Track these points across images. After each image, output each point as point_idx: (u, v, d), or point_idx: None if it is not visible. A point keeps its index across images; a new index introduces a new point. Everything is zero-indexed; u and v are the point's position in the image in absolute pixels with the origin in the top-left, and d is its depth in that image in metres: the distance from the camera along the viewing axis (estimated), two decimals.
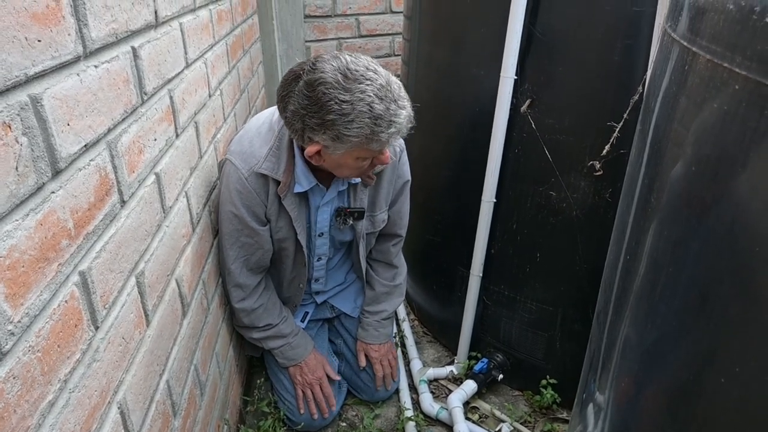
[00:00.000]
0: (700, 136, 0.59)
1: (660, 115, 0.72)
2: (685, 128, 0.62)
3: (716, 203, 0.55)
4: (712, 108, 0.57)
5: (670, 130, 0.66)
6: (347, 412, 1.77)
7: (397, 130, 1.20)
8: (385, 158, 1.31)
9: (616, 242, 0.89)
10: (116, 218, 0.80)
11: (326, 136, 1.19)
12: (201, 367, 1.24)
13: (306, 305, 1.77)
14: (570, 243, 1.52)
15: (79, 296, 0.68)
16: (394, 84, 1.20)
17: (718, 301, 0.55)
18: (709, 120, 0.57)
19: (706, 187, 0.57)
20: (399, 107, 1.18)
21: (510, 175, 1.56)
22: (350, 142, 1.18)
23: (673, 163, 0.64)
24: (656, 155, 0.71)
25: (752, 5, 0.50)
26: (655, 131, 0.72)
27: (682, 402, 0.62)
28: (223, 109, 1.53)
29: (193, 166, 1.22)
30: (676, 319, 0.62)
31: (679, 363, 0.62)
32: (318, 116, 1.16)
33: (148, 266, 0.92)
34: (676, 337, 0.63)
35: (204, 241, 1.31)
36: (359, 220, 1.54)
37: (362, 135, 1.17)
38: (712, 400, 0.58)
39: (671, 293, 0.63)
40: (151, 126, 0.93)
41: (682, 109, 0.63)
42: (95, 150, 0.72)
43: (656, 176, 0.70)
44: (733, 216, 0.53)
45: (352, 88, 1.13)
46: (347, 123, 1.15)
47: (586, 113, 1.38)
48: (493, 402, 1.78)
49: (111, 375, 0.78)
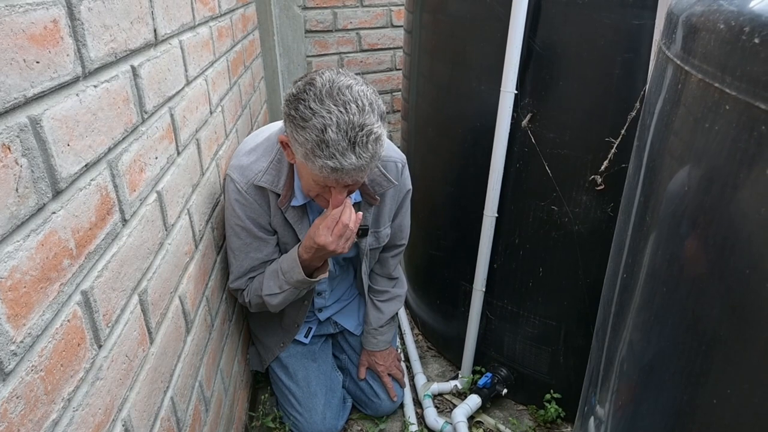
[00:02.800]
0: (693, 156, 0.60)
1: (655, 133, 0.72)
2: (679, 146, 0.63)
3: (709, 222, 0.56)
4: (704, 128, 0.57)
5: (665, 148, 0.66)
6: (352, 427, 1.76)
7: (334, 167, 1.13)
8: (336, 200, 1.25)
9: (614, 259, 0.89)
10: (118, 237, 0.80)
11: (289, 131, 1.21)
12: (205, 384, 1.25)
13: (309, 322, 1.77)
14: (572, 257, 1.52)
15: (82, 315, 0.69)
16: (368, 133, 1.13)
17: (711, 320, 0.55)
18: (702, 140, 0.57)
19: (699, 207, 0.57)
20: (352, 151, 1.12)
21: (511, 189, 1.57)
22: (297, 149, 1.18)
23: (668, 181, 0.65)
24: (652, 172, 0.71)
25: (742, 25, 0.51)
26: (651, 148, 0.73)
27: (677, 419, 0.62)
28: (225, 126, 1.54)
29: (195, 184, 1.23)
30: (670, 337, 0.62)
31: (674, 381, 0.62)
32: (289, 108, 1.19)
33: (151, 284, 0.93)
34: (671, 355, 0.63)
35: (207, 257, 1.31)
36: (363, 238, 1.54)
37: (305, 147, 1.15)
38: (705, 419, 0.57)
39: (666, 311, 0.63)
40: (152, 144, 0.94)
41: (676, 127, 0.64)
42: (96, 169, 0.73)
43: (652, 193, 0.71)
44: (724, 236, 0.53)
45: (324, 102, 1.13)
46: (299, 128, 1.15)
47: (586, 128, 1.39)
48: (498, 416, 1.77)
49: (115, 393, 0.78)
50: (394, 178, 1.48)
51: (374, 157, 1.17)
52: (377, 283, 1.77)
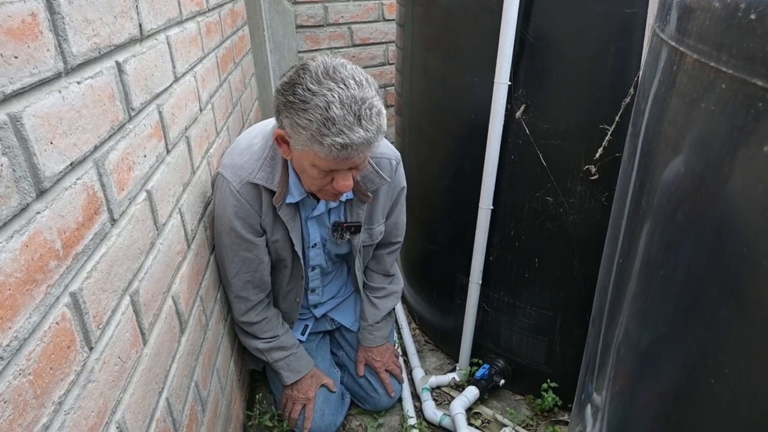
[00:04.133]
0: (689, 137, 0.59)
1: (650, 117, 0.71)
2: (674, 129, 0.62)
3: (705, 204, 0.55)
4: (700, 108, 0.56)
5: (660, 132, 0.65)
6: (351, 422, 1.75)
7: (344, 144, 1.12)
8: (343, 185, 1.25)
9: (609, 245, 0.88)
10: (107, 237, 0.79)
11: (287, 121, 1.19)
12: (202, 384, 1.23)
13: (305, 319, 1.76)
14: (567, 248, 1.52)
15: (71, 317, 0.67)
16: (371, 107, 1.14)
17: (708, 303, 0.54)
18: (698, 120, 0.56)
19: (696, 188, 0.56)
20: (359, 125, 1.12)
21: (506, 181, 1.56)
22: (300, 134, 1.16)
23: (663, 165, 0.64)
24: (647, 157, 0.70)
25: (737, 3, 0.50)
26: (645, 133, 0.72)
27: (674, 402, 0.62)
28: (215, 123, 1.52)
29: (186, 182, 1.21)
30: (667, 322, 0.62)
31: (671, 365, 0.61)
32: (285, 96, 1.17)
33: (143, 285, 0.91)
34: (668, 339, 0.62)
35: (200, 257, 1.30)
36: (356, 234, 1.53)
37: (309, 130, 1.13)
38: (703, 401, 0.57)
39: (663, 296, 0.62)
40: (140, 143, 0.93)
41: (671, 110, 0.63)
42: (82, 168, 0.71)
43: (647, 178, 0.70)
44: (721, 217, 0.53)
45: (323, 83, 1.13)
46: (301, 111, 1.14)
47: (580, 117, 1.38)
48: (496, 407, 1.77)
49: (108, 395, 0.77)
50: (388, 176, 1.47)
51: (380, 130, 1.17)
52: (373, 279, 1.76)
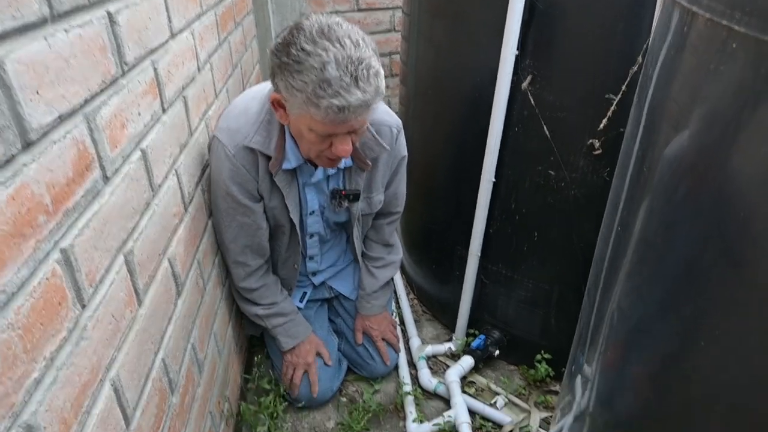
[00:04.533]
0: (697, 100, 0.57)
1: (658, 82, 0.69)
2: (682, 92, 0.60)
3: (711, 164, 0.53)
4: (709, 69, 0.54)
5: (668, 97, 0.63)
6: (347, 388, 1.77)
7: (341, 106, 1.08)
8: (341, 149, 1.21)
9: (609, 215, 0.87)
10: (99, 195, 0.78)
11: (282, 84, 1.15)
12: (198, 346, 1.24)
13: (304, 286, 1.76)
14: (567, 222, 1.51)
15: (62, 274, 0.67)
16: (368, 67, 1.09)
17: (705, 269, 0.53)
18: (707, 82, 0.54)
19: (702, 150, 0.54)
20: (356, 86, 1.08)
21: (509, 154, 1.54)
22: (296, 97, 1.12)
23: (670, 128, 0.62)
24: (652, 123, 0.68)
25: None
26: (652, 99, 0.70)
27: (664, 368, 0.61)
28: (214, 85, 1.49)
29: (183, 143, 1.19)
30: (663, 290, 0.61)
31: (664, 333, 0.61)
32: (279, 57, 1.13)
33: (137, 245, 0.90)
34: (663, 305, 0.61)
35: (197, 220, 1.29)
36: (354, 202, 1.52)
37: (305, 92, 1.09)
38: (693, 366, 0.56)
39: (661, 260, 0.61)
40: (133, 99, 0.90)
41: (680, 73, 0.60)
42: (71, 122, 0.69)
43: (650, 145, 0.68)
44: (728, 177, 0.51)
45: (318, 42, 1.08)
46: (295, 72, 1.10)
47: (587, 90, 1.35)
48: (490, 376, 1.79)
49: (102, 353, 0.77)
50: (388, 144, 1.44)
51: (378, 91, 1.13)
52: (372, 249, 1.75)
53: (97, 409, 0.73)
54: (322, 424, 1.65)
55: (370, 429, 1.62)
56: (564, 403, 1.04)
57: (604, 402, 0.79)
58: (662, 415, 0.61)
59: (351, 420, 1.55)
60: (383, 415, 1.66)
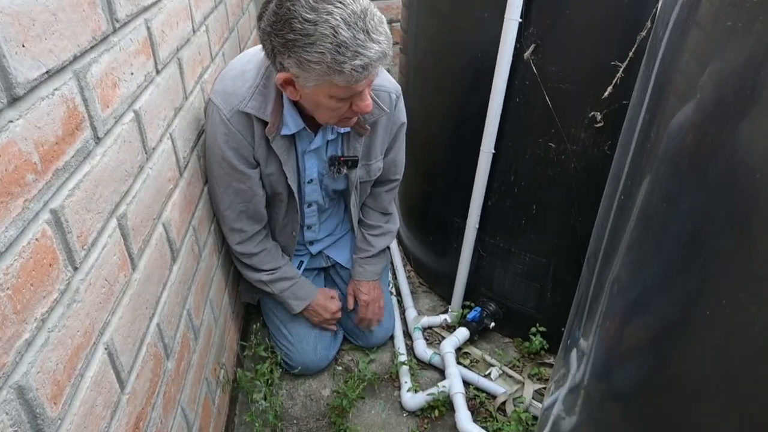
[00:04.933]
0: (711, 64, 0.54)
1: (668, 45, 0.66)
2: (695, 51, 0.57)
3: (720, 139, 0.51)
4: (724, 28, 0.51)
5: (678, 62, 0.61)
6: (343, 357, 1.78)
7: (364, 65, 1.08)
8: (364, 105, 1.21)
9: (612, 182, 0.85)
10: (91, 155, 0.76)
11: (291, 62, 1.11)
12: (194, 313, 1.23)
13: (301, 255, 1.75)
14: (567, 195, 1.50)
15: (52, 235, 0.65)
16: (373, 16, 1.08)
17: (711, 240, 0.52)
18: (721, 42, 0.52)
19: (712, 122, 0.52)
20: (370, 39, 1.07)
21: (510, 125, 1.51)
22: (313, 70, 1.09)
23: (678, 95, 0.60)
24: (661, 89, 0.66)
25: None
26: (661, 64, 0.67)
27: (664, 341, 0.61)
28: (210, 48, 1.45)
29: (177, 107, 1.16)
30: (666, 260, 0.60)
31: (666, 305, 0.60)
32: (281, 35, 1.08)
33: (131, 208, 0.89)
34: (665, 277, 0.60)
35: (193, 186, 1.27)
36: (353, 169, 1.49)
37: (324, 63, 1.07)
38: (695, 338, 0.56)
39: (664, 230, 0.60)
40: (126, 58, 0.87)
41: (693, 32, 0.58)
42: (60, 78, 0.67)
43: (658, 112, 0.66)
44: (735, 153, 0.49)
45: (318, 8, 1.04)
46: (308, 45, 1.06)
47: (591, 60, 1.32)
48: (484, 348, 1.80)
49: (95, 316, 0.76)
50: (387, 107, 1.42)
51: (388, 37, 1.12)
52: (370, 217, 1.73)
53: (90, 372, 0.73)
54: (317, 392, 1.67)
55: (365, 397, 1.64)
56: (558, 376, 1.04)
57: (600, 375, 0.79)
58: (660, 389, 0.61)
59: (346, 388, 1.57)
60: (378, 384, 1.67)
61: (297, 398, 1.65)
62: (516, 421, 1.50)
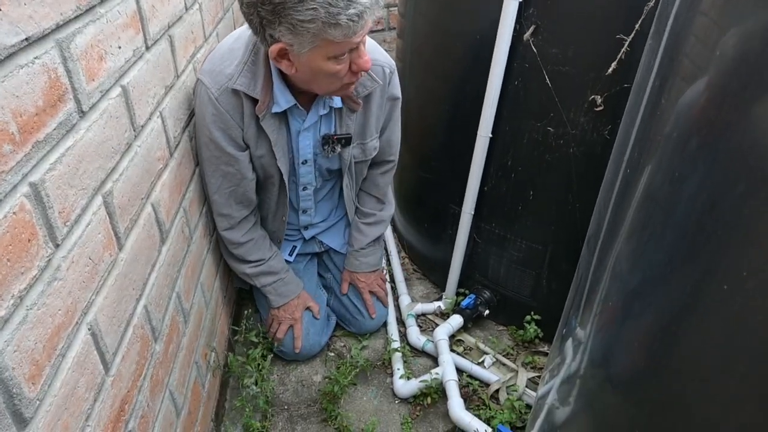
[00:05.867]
0: (725, 35, 0.52)
1: (680, 10, 0.63)
2: (706, 28, 0.55)
3: (734, 115, 0.49)
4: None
5: (691, 25, 0.58)
6: (335, 343, 1.77)
7: (358, 12, 1.05)
8: (363, 62, 1.19)
9: (614, 163, 0.83)
10: (74, 129, 0.73)
11: (283, 29, 1.08)
12: (184, 295, 1.22)
13: (294, 240, 1.73)
14: (565, 181, 1.47)
15: (31, 209, 0.63)
16: None
17: (730, 203, 0.50)
18: (737, 12, 0.49)
19: (725, 99, 0.50)
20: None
21: (508, 109, 1.48)
22: (308, 31, 1.07)
23: (688, 71, 0.57)
24: (670, 62, 0.63)
25: None
26: (669, 36, 0.65)
27: (667, 327, 0.59)
28: (203, 27, 1.42)
29: (168, 85, 1.13)
30: (678, 234, 0.57)
31: (668, 293, 0.58)
32: (268, 4, 1.05)
33: (117, 186, 0.86)
34: (670, 260, 0.58)
35: (183, 167, 1.24)
36: (346, 147, 1.47)
37: (318, 19, 1.04)
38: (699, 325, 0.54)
39: (674, 205, 0.58)
40: (113, 31, 0.85)
41: (705, 5, 0.55)
42: (41, 47, 0.64)
43: (666, 88, 0.63)
44: (748, 132, 0.47)
45: None
46: (298, 4, 1.03)
47: (592, 42, 1.29)
48: (478, 336, 1.79)
49: (78, 295, 0.74)
50: (381, 80, 1.39)
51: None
52: (366, 204, 1.71)
53: (72, 353, 0.71)
54: (309, 378, 1.65)
55: (357, 384, 1.62)
56: (553, 365, 1.03)
57: (597, 365, 0.77)
58: (662, 379, 0.59)
59: (338, 374, 1.55)
60: (370, 371, 1.66)
61: (288, 384, 1.64)
62: (509, 409, 1.49)
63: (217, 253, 1.56)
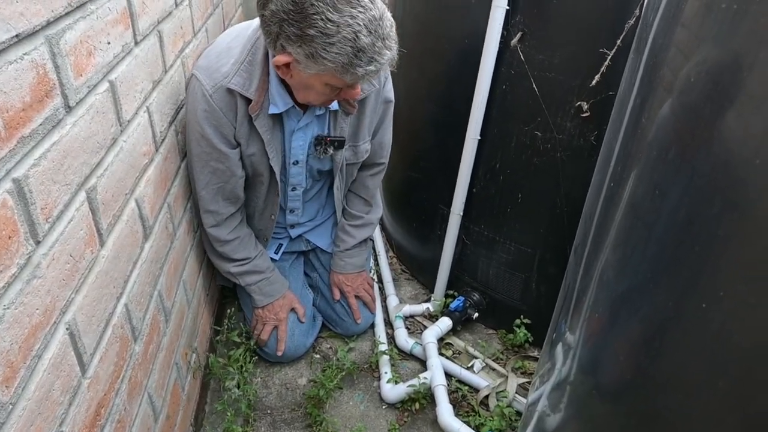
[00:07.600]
0: (705, 39, 0.53)
1: (659, 29, 0.64)
2: (687, 34, 0.56)
3: (714, 126, 0.50)
4: (720, 9, 0.50)
5: (670, 43, 0.59)
6: (321, 345, 1.76)
7: (375, 69, 1.12)
8: (355, 93, 1.24)
9: (600, 171, 0.83)
10: (60, 124, 0.72)
11: (301, 51, 1.10)
12: (166, 294, 1.20)
13: (280, 238, 1.72)
14: (553, 185, 1.49)
15: (13, 206, 0.61)
16: (387, 21, 1.11)
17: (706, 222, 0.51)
18: (716, 22, 0.50)
19: (705, 109, 0.51)
20: (385, 47, 1.11)
21: (496, 112, 1.50)
22: (324, 65, 1.10)
23: (669, 82, 0.58)
24: (652, 73, 0.64)
25: None
26: (651, 48, 0.65)
27: (655, 333, 0.59)
28: (193, 23, 1.40)
29: (156, 80, 1.12)
30: (660, 248, 0.58)
31: (657, 298, 0.59)
32: (298, 27, 1.06)
33: (102, 182, 0.85)
34: (656, 267, 0.59)
35: (169, 162, 1.23)
36: (339, 150, 1.47)
37: (339, 62, 1.09)
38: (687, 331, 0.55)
39: (656, 220, 0.59)
40: (102, 27, 0.83)
41: (686, 13, 0.56)
42: (31, 43, 0.63)
43: (648, 99, 0.64)
44: (728, 142, 0.48)
45: (342, 10, 1.04)
46: (327, 45, 1.06)
47: (578, 50, 1.31)
48: (467, 339, 1.78)
49: (57, 294, 0.72)
50: (375, 84, 1.40)
51: (397, 42, 1.15)
52: (353, 205, 1.71)
53: (49, 354, 0.70)
54: (293, 381, 1.64)
55: (343, 388, 1.61)
56: (543, 371, 1.03)
57: (587, 370, 0.78)
58: (650, 385, 0.60)
59: (324, 377, 1.53)
60: (357, 374, 1.64)
61: (272, 387, 1.62)
62: (499, 416, 1.47)
63: (201, 249, 1.54)
